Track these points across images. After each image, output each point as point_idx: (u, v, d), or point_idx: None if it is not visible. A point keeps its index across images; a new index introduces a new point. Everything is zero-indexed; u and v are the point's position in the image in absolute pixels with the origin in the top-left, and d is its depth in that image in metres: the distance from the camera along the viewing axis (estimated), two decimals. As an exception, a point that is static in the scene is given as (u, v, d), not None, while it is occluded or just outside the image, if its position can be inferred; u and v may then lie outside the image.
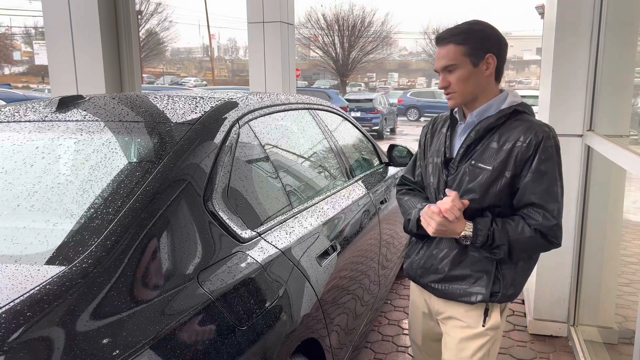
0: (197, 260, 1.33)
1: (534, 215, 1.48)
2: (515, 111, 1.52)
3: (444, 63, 1.51)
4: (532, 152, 1.46)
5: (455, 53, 1.49)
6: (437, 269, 1.62)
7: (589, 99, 2.72)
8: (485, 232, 1.47)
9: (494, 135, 1.52)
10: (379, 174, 3.17)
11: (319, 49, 40.87)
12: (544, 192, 1.47)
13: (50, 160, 1.55)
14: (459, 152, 1.57)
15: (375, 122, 16.36)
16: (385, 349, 2.96)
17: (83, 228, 1.23)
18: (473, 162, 1.53)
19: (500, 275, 1.55)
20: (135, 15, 4.60)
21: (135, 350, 1.03)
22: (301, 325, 1.59)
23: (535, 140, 1.46)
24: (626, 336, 2.76)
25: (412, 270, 1.72)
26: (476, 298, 1.56)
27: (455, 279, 1.59)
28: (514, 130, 1.50)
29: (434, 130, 1.73)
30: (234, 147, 1.69)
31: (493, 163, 1.49)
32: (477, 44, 1.49)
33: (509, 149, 1.48)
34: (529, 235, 1.47)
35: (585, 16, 2.65)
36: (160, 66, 55.11)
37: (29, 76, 43.57)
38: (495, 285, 1.55)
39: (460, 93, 1.52)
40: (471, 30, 1.50)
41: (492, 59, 1.50)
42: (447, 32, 1.52)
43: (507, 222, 1.49)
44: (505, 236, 1.47)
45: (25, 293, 1.01)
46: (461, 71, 1.50)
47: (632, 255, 3.36)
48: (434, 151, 1.67)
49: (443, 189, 1.59)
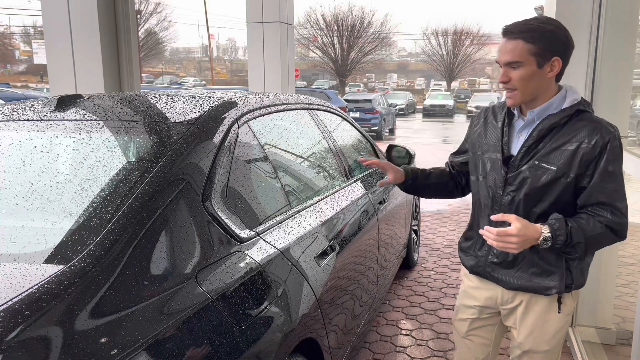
0: (195, 260, 1.33)
1: (602, 212, 1.50)
2: (577, 110, 1.53)
3: (509, 58, 1.49)
4: (597, 153, 1.48)
5: (522, 50, 1.47)
6: (510, 264, 1.64)
7: (587, 99, 2.72)
8: (564, 231, 1.48)
9: (556, 134, 1.53)
10: (377, 174, 3.17)
11: (318, 49, 40.91)
12: (612, 191, 1.49)
13: (48, 159, 1.54)
14: (520, 151, 1.57)
15: (374, 123, 16.36)
16: (384, 349, 2.96)
17: (81, 227, 1.23)
18: (537, 162, 1.54)
19: (571, 267, 1.60)
20: (134, 15, 4.59)
21: (134, 350, 1.03)
22: (299, 325, 1.59)
23: (601, 141, 1.47)
24: (624, 337, 2.76)
25: (479, 266, 1.73)
26: (552, 292, 1.60)
27: (529, 273, 1.62)
28: (578, 131, 1.50)
29: (486, 122, 1.72)
30: (233, 146, 1.69)
31: (557, 163, 1.51)
32: (545, 45, 1.47)
33: (574, 150, 1.49)
34: (601, 231, 1.50)
35: (584, 18, 2.65)
36: (160, 66, 55.09)
37: (28, 75, 43.53)
38: (568, 278, 1.60)
39: (521, 92, 1.52)
40: (543, 30, 1.47)
41: (558, 62, 1.49)
42: (517, 27, 1.49)
43: (578, 220, 1.51)
44: (581, 234, 1.49)
45: (23, 292, 1.01)
46: (525, 70, 1.48)
47: (630, 256, 3.36)
48: (488, 145, 1.67)
49: (502, 185, 1.61)
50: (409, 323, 3.30)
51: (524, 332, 1.68)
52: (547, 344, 1.66)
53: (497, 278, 1.68)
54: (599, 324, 2.90)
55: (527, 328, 1.67)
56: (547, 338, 1.66)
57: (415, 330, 3.19)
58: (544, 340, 1.66)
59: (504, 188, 1.60)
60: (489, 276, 1.71)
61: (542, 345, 1.66)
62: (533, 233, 1.47)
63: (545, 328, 1.65)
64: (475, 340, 1.84)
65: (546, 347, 1.66)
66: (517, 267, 1.63)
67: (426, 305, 3.56)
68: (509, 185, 1.59)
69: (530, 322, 1.67)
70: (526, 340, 1.68)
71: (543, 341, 1.66)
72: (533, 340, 1.67)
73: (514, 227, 1.44)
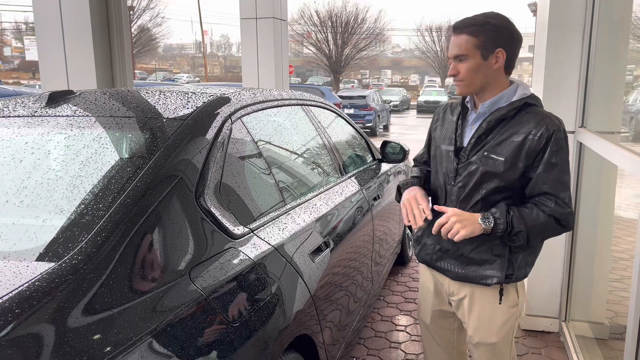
0: (189, 257, 1.32)
1: (546, 202, 1.55)
2: (525, 104, 1.57)
3: (455, 52, 1.56)
4: (543, 145, 1.52)
5: (467, 44, 1.54)
6: (453, 253, 1.68)
7: (581, 96, 2.73)
8: (504, 219, 1.53)
9: (505, 126, 1.57)
10: (372, 170, 3.16)
11: (312, 45, 40.83)
12: (555, 181, 1.54)
13: (39, 155, 1.53)
14: (470, 142, 1.62)
15: (368, 119, 16.36)
16: (378, 345, 2.96)
17: (73, 224, 1.21)
18: (486, 153, 1.58)
19: (513, 258, 1.63)
20: (127, 11, 4.56)
21: (127, 347, 1.03)
22: (294, 322, 1.58)
23: (546, 133, 1.52)
24: (617, 332, 2.78)
25: (427, 254, 1.78)
26: (492, 281, 1.63)
27: (471, 263, 1.65)
28: (525, 123, 1.55)
29: (444, 116, 1.78)
30: (226, 142, 1.68)
31: (505, 154, 1.55)
32: (488, 38, 1.53)
33: (521, 141, 1.54)
34: (544, 220, 1.54)
35: (577, 14, 2.66)
36: (153, 62, 54.78)
37: (20, 72, 43.19)
38: (509, 268, 1.63)
39: (467, 83, 1.57)
40: (486, 24, 1.53)
41: (502, 54, 1.54)
42: (463, 22, 1.56)
43: (521, 209, 1.56)
44: (522, 222, 1.54)
45: (14, 290, 1.00)
46: (470, 62, 1.54)
47: (622, 251, 3.38)
48: (444, 138, 1.73)
49: (454, 176, 1.65)
50: (403, 319, 3.30)
51: (472, 325, 1.72)
52: (495, 336, 1.69)
53: (442, 268, 1.73)
54: (592, 318, 2.92)
55: (474, 321, 1.71)
56: (494, 330, 1.69)
57: (410, 326, 3.20)
58: (492, 332, 1.69)
59: (455, 178, 1.65)
60: (435, 266, 1.76)
61: (490, 338, 1.70)
62: (470, 216, 1.54)
63: (492, 320, 1.69)
64: (437, 330, 1.89)
65: (494, 339, 1.70)
66: (460, 256, 1.67)
67: (421, 301, 3.56)
68: (459, 176, 1.64)
69: (476, 315, 1.70)
70: (475, 333, 1.72)
71: (491, 333, 1.69)
72: (480, 332, 1.71)
73: (448, 210, 1.55)
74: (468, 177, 1.61)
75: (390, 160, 3.38)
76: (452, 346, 1.90)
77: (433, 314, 1.87)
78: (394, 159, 3.35)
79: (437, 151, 1.75)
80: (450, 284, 1.74)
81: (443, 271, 1.73)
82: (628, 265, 3.30)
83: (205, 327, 1.23)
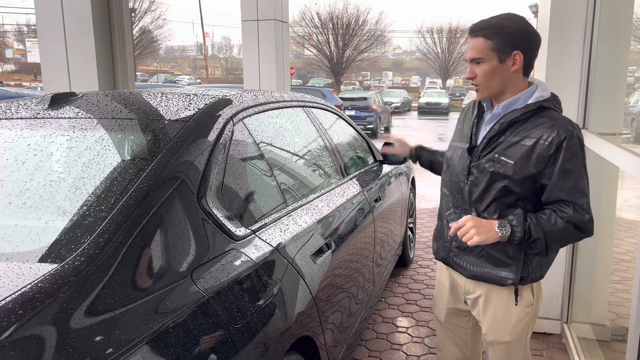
0: (190, 258, 1.32)
1: (564, 209, 1.53)
2: (540, 107, 1.55)
3: (472, 55, 1.55)
4: (554, 151, 1.50)
5: (483, 47, 1.53)
6: (472, 250, 1.68)
7: (582, 97, 2.73)
8: (521, 227, 1.52)
9: (517, 129, 1.56)
10: (373, 172, 3.17)
11: (313, 47, 40.86)
12: (571, 188, 1.52)
13: (42, 157, 1.53)
14: (482, 142, 1.62)
15: (369, 121, 16.37)
16: (380, 347, 2.96)
17: (76, 226, 1.22)
18: (496, 155, 1.58)
19: (529, 260, 1.62)
20: (128, 13, 4.57)
21: (129, 349, 1.03)
22: (296, 323, 1.58)
23: (557, 139, 1.49)
24: (619, 333, 2.77)
25: (444, 251, 1.78)
26: (507, 282, 1.64)
27: (488, 262, 1.66)
28: (538, 127, 1.53)
29: (466, 114, 1.78)
30: (228, 144, 1.68)
31: (515, 158, 1.54)
32: (505, 40, 1.51)
33: (532, 146, 1.52)
34: (562, 227, 1.52)
35: (578, 15, 2.66)
36: (154, 64, 54.89)
37: (21, 74, 43.27)
38: (524, 271, 1.63)
39: (486, 86, 1.57)
40: (501, 26, 1.52)
41: (519, 56, 1.53)
42: (479, 25, 1.55)
43: (539, 215, 1.55)
44: (540, 229, 1.52)
45: (17, 291, 1.00)
46: (487, 65, 1.54)
47: (624, 252, 3.38)
48: (461, 135, 1.74)
49: (466, 174, 1.66)
50: (405, 320, 3.30)
51: (486, 323, 1.73)
52: (509, 335, 1.69)
53: (459, 264, 1.73)
54: (594, 320, 2.91)
55: (488, 319, 1.72)
56: (508, 329, 1.69)
57: (412, 327, 3.20)
58: (505, 331, 1.70)
59: (468, 177, 1.65)
60: (452, 262, 1.76)
61: (504, 337, 1.70)
62: (487, 223, 1.53)
63: (506, 319, 1.69)
64: (452, 328, 1.90)
65: (508, 338, 1.70)
66: (477, 255, 1.67)
67: (422, 303, 3.56)
68: (471, 175, 1.64)
69: (490, 314, 1.71)
70: (489, 331, 1.73)
71: (505, 332, 1.70)
72: (495, 331, 1.71)
73: (466, 217, 1.54)
74: (479, 176, 1.62)
75: (392, 161, 3.37)
76: (466, 345, 1.91)
77: (448, 311, 1.88)
78: (395, 161, 3.35)
79: (453, 149, 1.77)
80: (466, 282, 1.75)
81: (459, 268, 1.74)
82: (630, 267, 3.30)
83: (207, 328, 1.23)
